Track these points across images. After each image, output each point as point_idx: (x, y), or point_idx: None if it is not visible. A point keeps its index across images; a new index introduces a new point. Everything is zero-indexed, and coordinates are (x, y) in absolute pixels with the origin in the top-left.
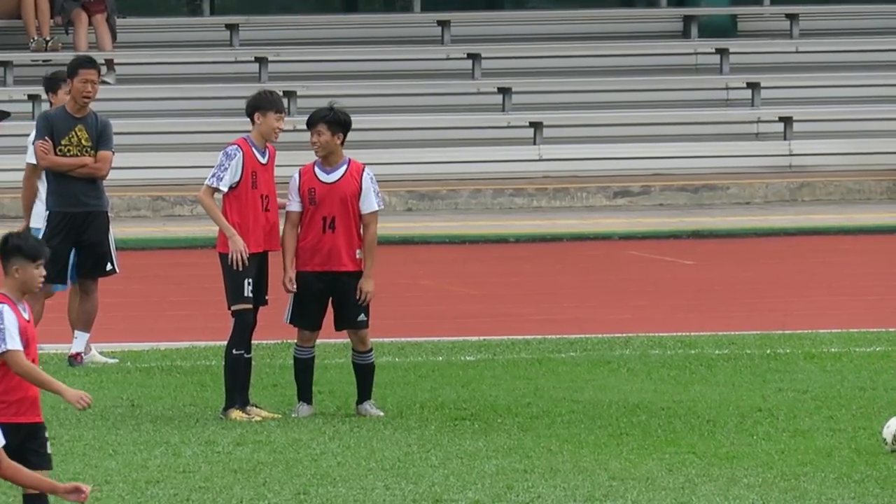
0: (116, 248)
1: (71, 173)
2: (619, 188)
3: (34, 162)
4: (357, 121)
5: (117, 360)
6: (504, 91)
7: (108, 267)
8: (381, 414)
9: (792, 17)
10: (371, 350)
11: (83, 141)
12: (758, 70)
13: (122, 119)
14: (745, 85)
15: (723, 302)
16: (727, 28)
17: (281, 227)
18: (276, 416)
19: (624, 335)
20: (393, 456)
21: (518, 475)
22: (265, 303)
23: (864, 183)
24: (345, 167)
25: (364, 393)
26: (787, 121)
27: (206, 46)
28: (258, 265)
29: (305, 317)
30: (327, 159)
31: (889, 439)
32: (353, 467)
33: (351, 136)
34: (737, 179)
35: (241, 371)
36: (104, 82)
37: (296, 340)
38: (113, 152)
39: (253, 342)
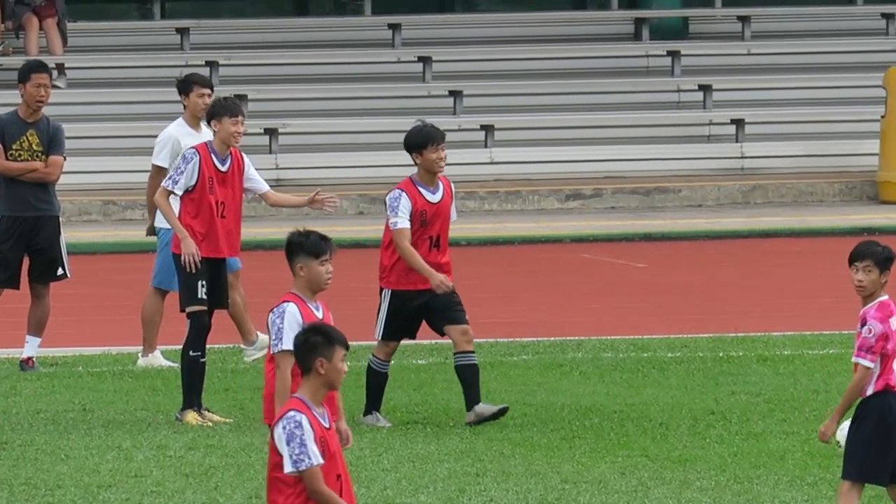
0: (68, 253)
1: (21, 178)
2: (570, 191)
3: (160, 164)
4: (308, 124)
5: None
6: (455, 94)
7: (60, 272)
8: (388, 424)
9: (743, 20)
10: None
11: (34, 146)
12: (709, 72)
13: (74, 123)
14: (696, 87)
15: (675, 305)
16: (678, 30)
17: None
18: (227, 420)
19: (576, 338)
20: (345, 459)
21: (470, 479)
22: (226, 307)
23: (816, 185)
24: (441, 185)
25: (473, 398)
26: (738, 123)
27: (156, 50)
28: (212, 270)
29: (401, 330)
30: (434, 178)
31: (842, 442)
32: None
33: (303, 139)
34: (689, 182)
35: (198, 373)
36: (55, 86)
37: (374, 354)
38: (64, 157)
39: (206, 346)
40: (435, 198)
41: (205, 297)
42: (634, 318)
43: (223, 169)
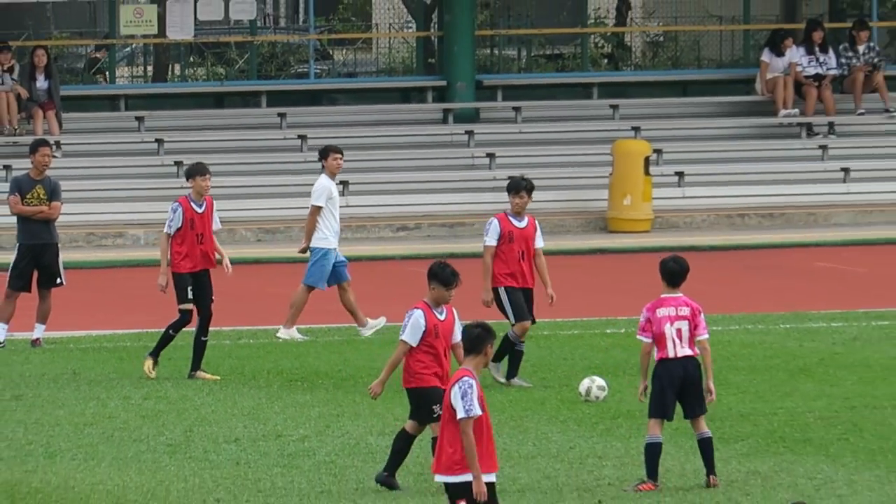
0: (64, 268)
1: (33, 217)
2: (399, 225)
3: (319, 204)
4: (225, 181)
5: (308, 337)
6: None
7: (58, 281)
8: (529, 384)
9: (517, 109)
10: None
11: (41, 195)
12: (494, 145)
13: (67, 180)
14: (485, 155)
15: (470, 300)
16: (472, 116)
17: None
18: (216, 377)
19: (397, 324)
20: (249, 405)
21: (333, 418)
22: (211, 301)
23: (565, 220)
24: (527, 218)
25: (513, 370)
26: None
27: (122, 132)
28: (196, 278)
29: (522, 313)
30: (520, 213)
31: (583, 392)
32: (223, 413)
33: (221, 190)
34: (480, 218)
35: (166, 342)
36: (54, 156)
37: (515, 331)
38: (61, 203)
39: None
40: (520, 224)
41: (191, 297)
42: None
43: (200, 211)
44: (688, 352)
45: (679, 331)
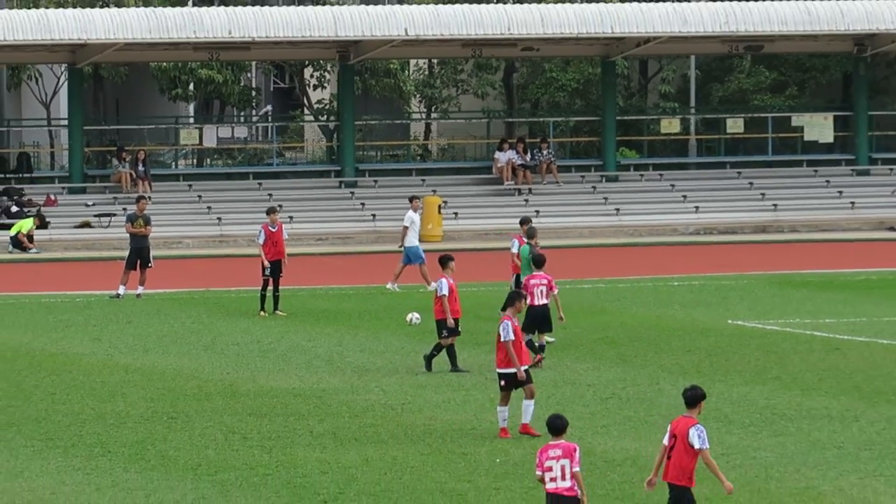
0: (153, 258)
1: (138, 233)
2: (318, 238)
3: (407, 225)
4: (232, 215)
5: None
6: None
7: (150, 265)
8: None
9: (376, 181)
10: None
11: (142, 224)
12: (365, 199)
13: (154, 215)
14: (360, 204)
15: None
16: (353, 184)
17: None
18: (285, 314)
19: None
20: (243, 326)
21: (286, 333)
22: (280, 276)
23: (398, 236)
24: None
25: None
26: (375, 215)
27: (181, 192)
28: (273, 264)
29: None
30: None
31: (408, 320)
32: (230, 330)
33: (231, 215)
34: (359, 234)
35: (263, 299)
36: (147, 204)
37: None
38: (151, 226)
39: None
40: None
41: (267, 274)
42: (330, 271)
43: (273, 230)
44: (544, 301)
45: (542, 290)
